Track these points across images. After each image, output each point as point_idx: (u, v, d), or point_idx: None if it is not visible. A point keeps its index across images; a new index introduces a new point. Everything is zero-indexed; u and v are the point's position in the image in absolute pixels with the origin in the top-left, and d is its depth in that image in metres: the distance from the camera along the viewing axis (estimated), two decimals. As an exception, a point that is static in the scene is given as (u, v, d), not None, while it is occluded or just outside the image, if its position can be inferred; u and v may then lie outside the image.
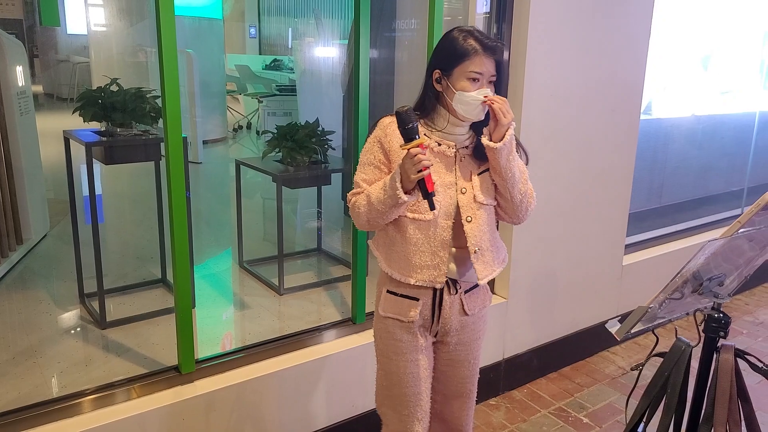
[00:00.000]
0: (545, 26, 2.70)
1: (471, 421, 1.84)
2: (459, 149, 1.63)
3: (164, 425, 2.03)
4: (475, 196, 1.62)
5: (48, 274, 3.47)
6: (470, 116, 1.58)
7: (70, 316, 2.96)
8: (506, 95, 1.65)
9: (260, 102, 7.69)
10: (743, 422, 1.48)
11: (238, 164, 3.68)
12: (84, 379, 2.31)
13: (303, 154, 3.33)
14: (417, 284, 1.63)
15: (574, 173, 3.02)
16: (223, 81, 8.22)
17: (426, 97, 1.64)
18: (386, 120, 1.65)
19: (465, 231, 1.61)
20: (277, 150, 3.40)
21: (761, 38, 4.52)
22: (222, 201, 5.21)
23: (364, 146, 1.68)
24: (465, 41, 1.55)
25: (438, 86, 1.61)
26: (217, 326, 2.98)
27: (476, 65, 1.54)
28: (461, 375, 1.77)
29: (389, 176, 1.55)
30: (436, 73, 1.60)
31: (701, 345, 1.56)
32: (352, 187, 1.68)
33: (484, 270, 1.64)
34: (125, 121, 2.86)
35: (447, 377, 1.77)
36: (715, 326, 1.48)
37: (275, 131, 3.43)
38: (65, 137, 2.92)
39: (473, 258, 1.62)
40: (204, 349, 2.47)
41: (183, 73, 6.20)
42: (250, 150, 7.73)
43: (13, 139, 3.50)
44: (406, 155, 1.47)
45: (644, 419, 1.62)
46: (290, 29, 12.50)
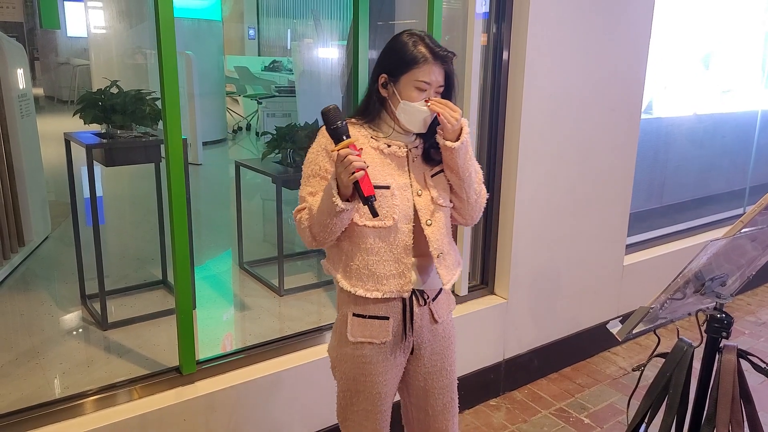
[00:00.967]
0: (545, 26, 2.70)
1: (457, 429, 1.79)
2: (411, 149, 1.57)
3: (165, 426, 2.03)
4: (434, 198, 1.55)
5: (49, 276, 3.47)
6: (412, 127, 1.52)
7: (72, 318, 2.97)
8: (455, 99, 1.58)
9: (259, 103, 7.70)
10: (746, 423, 1.48)
11: (238, 165, 3.68)
12: (86, 380, 2.31)
13: (302, 155, 3.32)
14: (385, 297, 1.54)
15: (575, 173, 3.02)
16: (223, 82, 8.24)
17: (370, 102, 1.55)
18: None
19: (426, 235, 1.54)
20: (277, 151, 3.40)
21: (762, 36, 4.52)
22: (222, 202, 5.21)
23: (307, 157, 1.56)
24: (415, 47, 1.48)
25: (384, 91, 1.53)
26: (218, 327, 2.98)
27: (425, 74, 1.47)
28: (441, 385, 1.70)
29: (325, 188, 1.45)
30: (383, 78, 1.52)
31: (703, 345, 1.55)
32: (299, 201, 1.58)
33: (447, 274, 1.59)
34: (125, 123, 2.86)
35: (427, 392, 1.70)
36: (718, 326, 1.48)
37: (274, 132, 3.44)
38: (66, 139, 2.93)
39: (437, 263, 1.56)
40: (205, 350, 2.47)
41: (182, 75, 6.20)
42: (250, 151, 7.74)
43: (14, 142, 3.50)
44: (337, 158, 1.37)
45: (646, 420, 1.62)
46: (289, 30, 12.51)
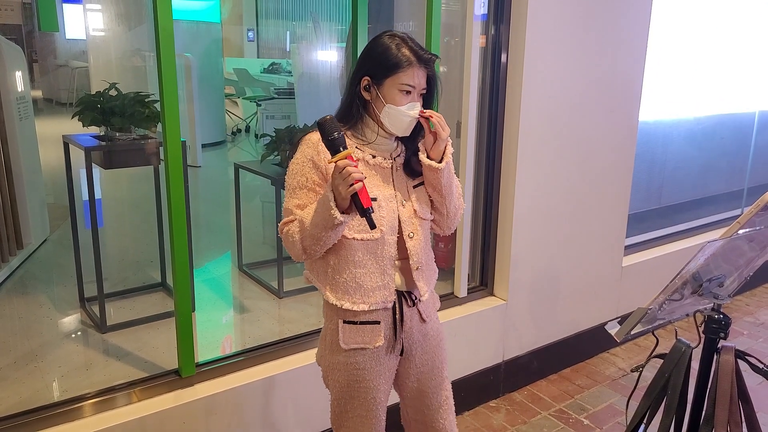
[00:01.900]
0: (543, 27, 2.71)
1: (455, 427, 1.78)
2: (394, 159, 1.56)
3: (165, 429, 2.03)
4: (416, 211, 1.55)
5: (48, 279, 3.47)
6: (396, 131, 1.50)
7: (71, 321, 2.97)
8: (438, 110, 1.58)
9: (258, 105, 7.70)
10: (744, 423, 1.48)
11: (237, 168, 3.69)
12: (85, 383, 2.31)
13: (302, 157, 3.32)
14: (371, 309, 1.54)
15: (573, 174, 3.03)
16: (222, 85, 8.24)
17: (352, 106, 1.52)
18: (314, 137, 1.48)
19: (408, 248, 1.54)
20: (276, 153, 3.40)
21: (761, 37, 4.52)
22: (221, 204, 5.21)
23: (291, 167, 1.52)
24: (399, 50, 1.46)
25: (366, 94, 1.50)
26: (217, 330, 2.98)
27: (409, 77, 1.45)
28: (435, 384, 1.70)
29: (321, 196, 1.42)
30: (365, 81, 1.49)
31: (701, 346, 1.56)
32: (283, 213, 1.54)
33: (425, 286, 1.60)
34: (124, 126, 2.86)
35: (422, 393, 1.70)
36: (716, 327, 1.48)
37: (273, 134, 3.44)
38: (65, 142, 2.93)
39: (415, 276, 1.57)
40: (204, 353, 2.47)
41: (181, 77, 6.21)
42: (249, 153, 7.74)
43: (13, 145, 3.51)
44: (335, 169, 1.35)
45: (645, 421, 1.62)
46: (288, 32, 12.52)
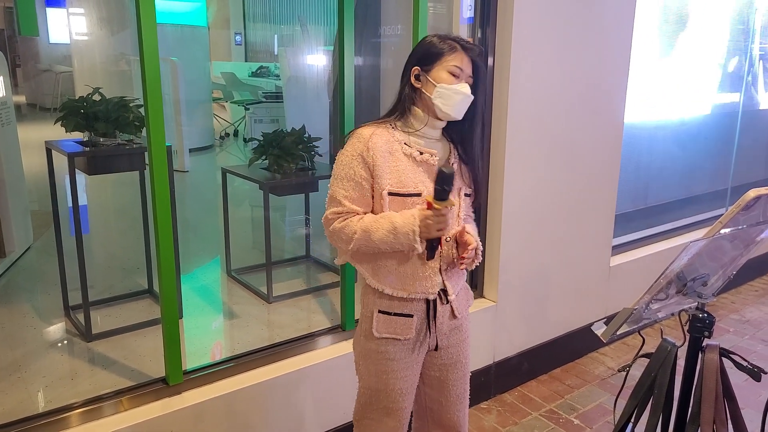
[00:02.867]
0: (529, 31, 2.72)
1: (467, 423, 1.84)
2: (452, 163, 1.60)
3: (152, 438, 2.01)
4: (460, 220, 1.61)
5: (32, 287, 3.43)
6: (450, 111, 1.54)
7: (55, 330, 2.93)
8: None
9: (247, 109, 7.67)
10: (729, 421, 1.49)
11: (225, 172, 3.67)
12: (70, 393, 2.28)
13: (290, 161, 3.32)
14: (411, 297, 1.59)
15: (561, 175, 3.04)
16: (209, 89, 8.20)
17: (403, 96, 1.60)
18: (365, 132, 1.56)
19: (442, 250, 1.59)
20: (264, 157, 3.39)
21: (743, 38, 4.57)
22: (209, 209, 5.18)
23: (340, 159, 1.58)
24: (443, 42, 1.56)
25: (417, 83, 1.57)
26: (205, 336, 2.96)
27: (457, 60, 1.54)
28: (455, 377, 1.75)
29: (401, 219, 1.49)
30: (416, 70, 1.57)
31: (686, 345, 1.57)
32: (328, 203, 1.61)
33: (453, 287, 1.65)
34: (108, 131, 2.84)
35: (443, 383, 1.75)
36: (700, 326, 1.49)
37: (261, 139, 3.42)
38: (47, 148, 2.90)
39: (445, 276, 1.62)
40: (192, 360, 2.44)
41: (168, 82, 6.17)
42: (237, 158, 7.71)
43: (-5, 151, 3.47)
44: (435, 212, 1.45)
45: (632, 420, 1.63)
46: (276, 36, 12.50)
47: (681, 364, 1.61)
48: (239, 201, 4.95)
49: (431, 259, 1.53)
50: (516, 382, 3.11)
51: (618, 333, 1.43)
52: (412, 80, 1.58)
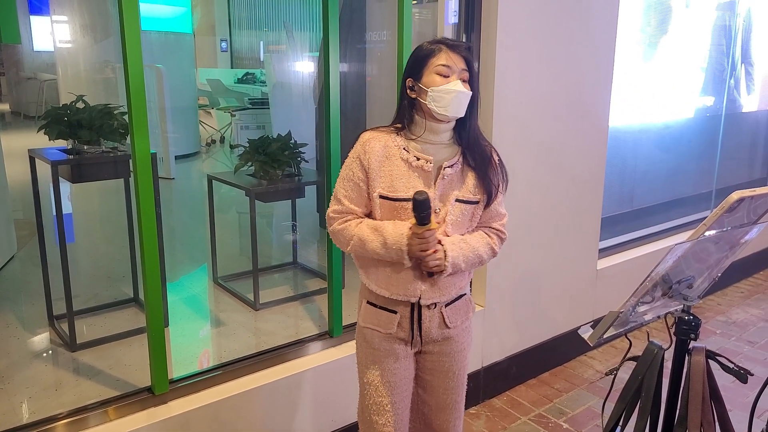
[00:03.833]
0: (513, 35, 2.74)
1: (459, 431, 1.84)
2: (444, 168, 1.60)
3: (138, 448, 1.98)
4: (446, 225, 1.61)
5: (15, 297, 3.38)
6: (446, 111, 1.56)
7: (39, 340, 2.89)
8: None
9: (233, 116, 7.65)
10: (717, 423, 1.50)
11: (210, 179, 3.64)
12: (54, 404, 2.25)
13: (276, 168, 3.31)
14: (393, 298, 1.64)
15: (546, 179, 3.06)
16: (195, 95, 8.16)
17: (402, 109, 1.64)
18: (366, 135, 1.64)
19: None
20: (250, 164, 3.37)
21: (725, 42, 4.63)
22: (196, 217, 5.15)
23: (346, 161, 1.67)
24: (431, 45, 1.60)
25: (412, 94, 1.61)
26: (192, 344, 2.93)
27: (442, 59, 1.56)
28: (445, 386, 1.76)
29: (392, 236, 1.55)
30: (409, 81, 1.61)
31: (673, 347, 1.57)
32: (331, 200, 1.68)
33: (430, 292, 1.64)
34: (92, 139, 2.81)
35: (432, 387, 1.77)
36: (686, 328, 1.50)
37: (247, 145, 3.41)
38: (30, 156, 2.86)
39: (431, 282, 1.63)
40: (178, 369, 2.42)
41: (153, 89, 6.13)
42: (224, 164, 7.67)
43: (-23, 160, 3.42)
44: (414, 234, 1.52)
45: (620, 423, 1.63)
46: (261, 42, 12.49)
47: (668, 367, 1.61)
48: (226, 208, 4.92)
49: (432, 276, 1.60)
50: (505, 387, 3.11)
51: (605, 336, 1.43)
52: (408, 92, 1.62)
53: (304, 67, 6.39)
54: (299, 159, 3.44)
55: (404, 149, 1.60)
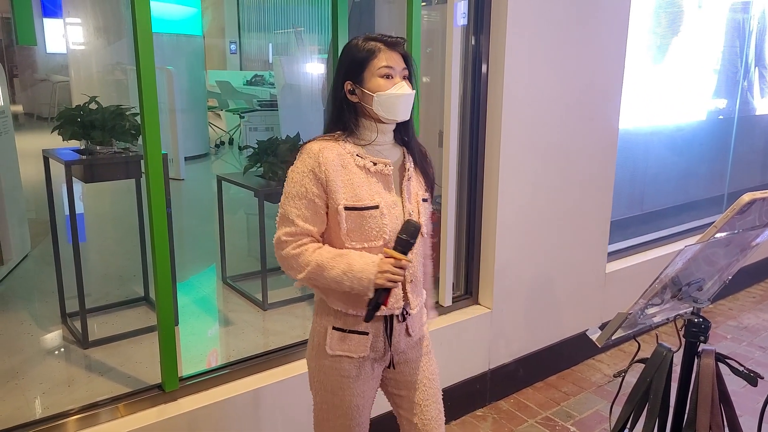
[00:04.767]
0: (522, 38, 2.74)
1: None
2: (408, 169, 1.56)
3: (148, 445, 2.00)
4: (422, 227, 1.53)
5: (29, 295, 3.42)
6: (395, 116, 1.50)
7: (52, 337, 2.92)
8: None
9: (242, 117, 7.69)
10: (726, 426, 1.50)
11: (220, 180, 3.67)
12: (67, 400, 2.28)
13: (284, 168, 3.31)
14: (358, 317, 1.53)
15: (556, 182, 3.05)
16: (204, 97, 8.22)
17: (341, 115, 1.53)
18: (314, 146, 1.49)
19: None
20: (259, 165, 3.39)
21: (738, 44, 4.61)
22: (205, 217, 5.18)
23: (291, 176, 1.51)
24: (366, 44, 1.51)
25: (353, 98, 1.51)
26: (201, 343, 2.95)
27: (383, 60, 1.48)
28: (425, 396, 1.67)
29: (359, 264, 1.44)
30: (348, 85, 1.51)
31: (682, 350, 1.57)
32: (279, 222, 1.53)
33: (415, 300, 1.60)
34: (105, 139, 2.84)
35: (414, 404, 1.67)
36: (696, 331, 1.49)
37: (256, 146, 3.43)
38: (44, 156, 2.90)
39: (408, 288, 1.57)
40: (188, 367, 2.44)
41: (163, 90, 6.18)
42: (233, 165, 7.71)
43: (-8, 159, 3.47)
44: (393, 260, 1.43)
45: (628, 426, 1.63)
46: (270, 44, 12.55)
47: (676, 370, 1.61)
48: (234, 209, 4.95)
49: (369, 320, 1.46)
50: (512, 389, 3.11)
51: (613, 338, 1.43)
52: (348, 96, 1.52)
53: (313, 69, 6.41)
54: (308, 160, 3.45)
55: (358, 156, 1.51)
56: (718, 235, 1.29)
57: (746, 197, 1.25)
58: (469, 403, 2.94)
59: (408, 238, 1.43)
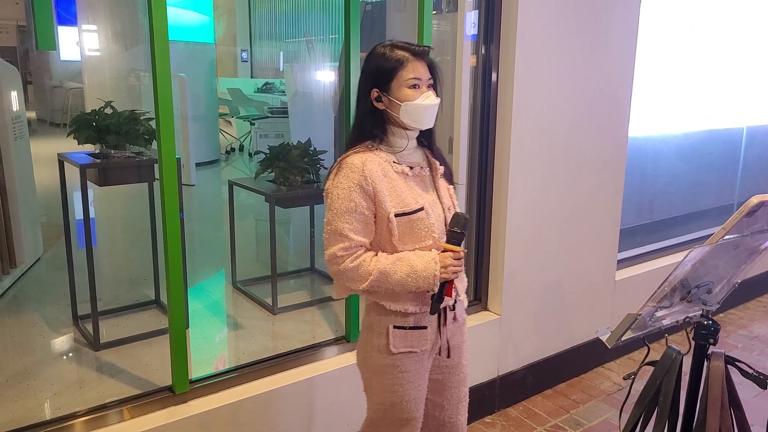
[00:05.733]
0: (532, 47, 2.76)
1: (465, 428, 1.84)
2: (439, 168, 1.64)
3: (158, 446, 2.02)
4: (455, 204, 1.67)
5: (41, 298, 3.46)
6: (420, 125, 1.56)
7: (64, 339, 2.95)
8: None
9: (252, 124, 7.74)
10: (736, 429, 1.49)
11: (231, 184, 3.70)
12: (78, 401, 2.30)
13: (295, 174, 3.35)
14: (421, 310, 1.61)
15: (565, 189, 3.06)
16: (216, 104, 8.29)
17: (368, 123, 1.57)
18: (356, 160, 1.53)
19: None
20: (270, 170, 3.42)
21: (747, 53, 4.60)
22: (215, 223, 5.22)
23: (337, 193, 1.53)
24: (393, 52, 1.53)
25: (380, 105, 1.55)
26: (211, 346, 2.97)
27: (411, 71, 1.52)
28: (456, 380, 1.77)
29: (421, 263, 1.50)
30: (375, 93, 1.55)
31: (692, 353, 1.57)
32: (331, 239, 1.55)
33: (461, 286, 1.71)
34: (119, 143, 2.88)
35: (444, 386, 1.76)
36: (705, 333, 1.50)
37: (267, 151, 3.46)
38: (60, 160, 2.94)
39: (455, 279, 1.62)
40: (198, 370, 2.46)
41: (176, 97, 6.24)
42: (243, 172, 7.77)
43: (8, 163, 3.52)
44: (455, 254, 1.50)
45: (638, 429, 1.63)
46: (281, 52, 12.64)
47: (686, 372, 1.61)
48: (244, 215, 4.98)
49: (434, 313, 1.54)
50: (521, 397, 3.10)
51: (623, 339, 1.43)
52: (374, 104, 1.55)
53: (324, 77, 6.46)
54: (318, 166, 3.49)
55: (395, 162, 1.57)
56: (727, 237, 1.29)
57: (755, 199, 1.26)
58: (478, 410, 2.93)
59: (461, 231, 1.50)
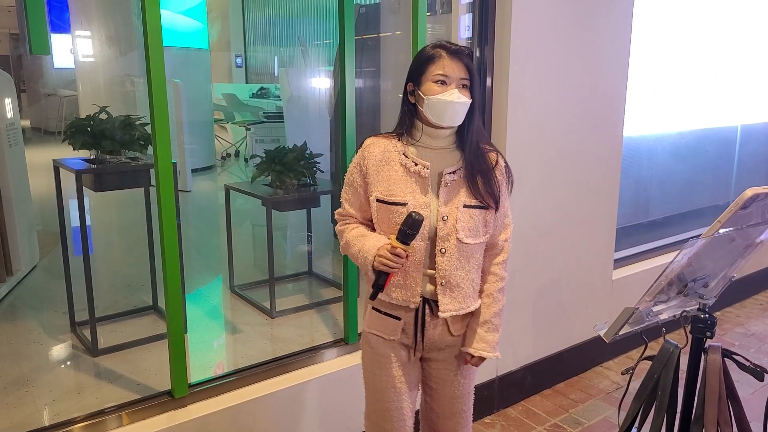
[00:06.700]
0: (526, 47, 2.77)
1: None
2: (445, 174, 1.59)
3: (158, 450, 2.01)
4: (459, 237, 1.57)
5: (38, 305, 3.45)
6: (441, 120, 1.55)
7: (62, 345, 2.94)
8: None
9: (248, 129, 7.75)
10: (734, 422, 1.50)
11: (228, 189, 3.70)
12: (76, 407, 2.29)
13: (292, 177, 3.36)
14: (392, 302, 1.64)
15: (561, 189, 3.07)
16: (211, 110, 8.29)
17: (403, 113, 1.65)
18: (368, 141, 1.67)
19: (436, 262, 1.58)
20: (266, 174, 3.43)
21: (741, 51, 4.63)
22: (212, 228, 5.21)
23: (350, 167, 1.71)
24: (432, 49, 1.59)
25: (412, 98, 1.61)
26: (210, 350, 2.96)
27: (439, 67, 1.54)
28: (450, 394, 1.73)
29: (366, 246, 1.56)
30: (409, 86, 1.62)
31: (689, 346, 1.58)
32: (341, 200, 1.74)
33: (450, 304, 1.61)
34: (115, 149, 2.88)
35: (438, 395, 1.75)
36: (702, 327, 1.50)
37: (263, 156, 3.47)
38: (55, 166, 2.94)
39: (439, 290, 1.60)
40: (197, 374, 2.45)
41: (170, 103, 6.21)
42: (239, 177, 7.76)
43: (3, 171, 3.51)
44: (391, 249, 1.50)
45: (637, 423, 1.63)
46: (276, 57, 12.65)
47: (684, 366, 1.62)
48: (240, 220, 4.97)
49: (373, 299, 1.61)
50: (520, 397, 3.10)
51: (620, 333, 1.44)
52: (408, 97, 1.62)
53: (319, 82, 6.48)
54: (314, 169, 3.49)
55: (403, 154, 1.60)
56: (722, 231, 1.30)
57: (749, 192, 1.27)
58: (477, 410, 2.91)
59: (406, 229, 1.49)
